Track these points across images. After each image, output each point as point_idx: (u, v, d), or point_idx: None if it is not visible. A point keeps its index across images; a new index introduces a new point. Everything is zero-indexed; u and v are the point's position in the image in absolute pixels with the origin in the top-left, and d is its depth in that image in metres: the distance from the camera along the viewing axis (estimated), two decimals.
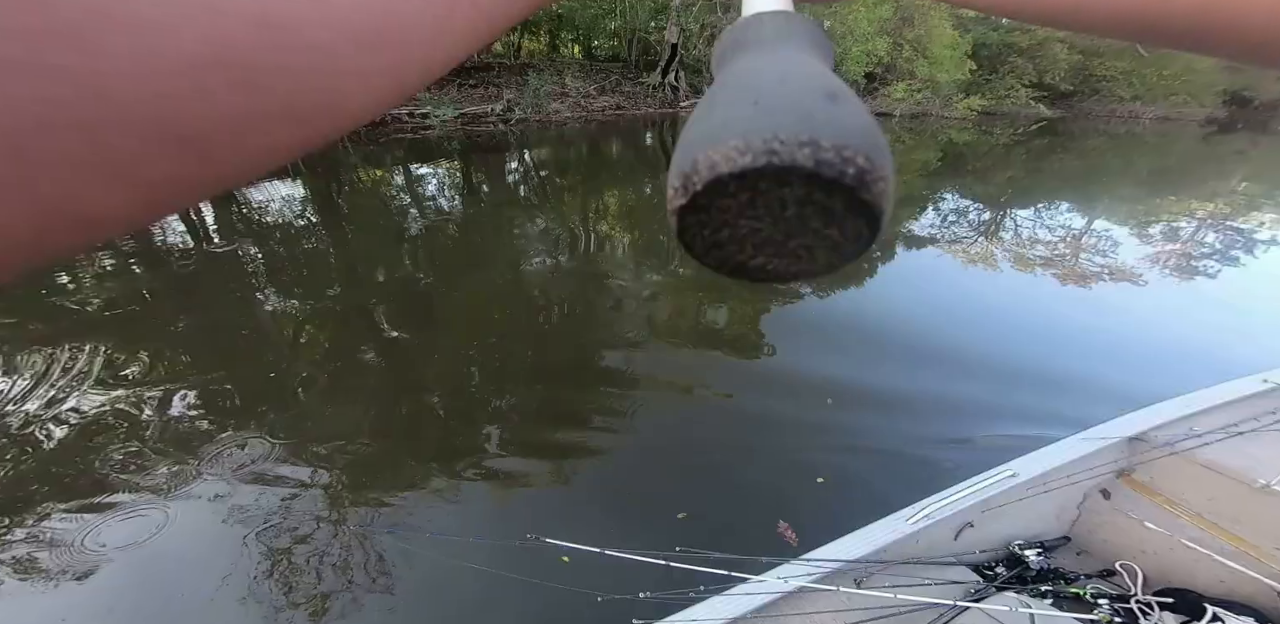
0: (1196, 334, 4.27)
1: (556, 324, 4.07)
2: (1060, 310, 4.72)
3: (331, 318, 3.95)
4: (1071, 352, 3.80)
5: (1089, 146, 16.76)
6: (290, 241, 5.41)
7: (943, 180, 10.29)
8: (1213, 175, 12.59)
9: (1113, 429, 1.91)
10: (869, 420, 2.94)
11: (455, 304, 4.29)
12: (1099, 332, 4.23)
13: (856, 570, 1.43)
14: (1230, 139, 20.20)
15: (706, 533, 2.15)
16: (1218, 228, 7.80)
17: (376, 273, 4.87)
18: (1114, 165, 13.47)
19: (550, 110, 13.78)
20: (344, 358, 3.44)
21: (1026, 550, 1.72)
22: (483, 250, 5.54)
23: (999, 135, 16.92)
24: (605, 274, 4.97)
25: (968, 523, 1.67)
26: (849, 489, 2.47)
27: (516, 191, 8.08)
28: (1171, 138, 19.97)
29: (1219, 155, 16.37)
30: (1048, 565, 1.70)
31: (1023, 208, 8.55)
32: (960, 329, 4.12)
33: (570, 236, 5.93)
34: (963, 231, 6.97)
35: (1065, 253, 6.24)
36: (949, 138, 15.93)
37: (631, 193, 8.29)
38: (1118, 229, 7.39)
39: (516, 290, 4.59)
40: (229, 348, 3.48)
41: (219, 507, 2.27)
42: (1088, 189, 10.33)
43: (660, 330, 3.95)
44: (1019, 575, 1.66)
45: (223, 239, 5.41)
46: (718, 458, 2.65)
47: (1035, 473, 1.70)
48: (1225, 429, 1.78)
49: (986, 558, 1.72)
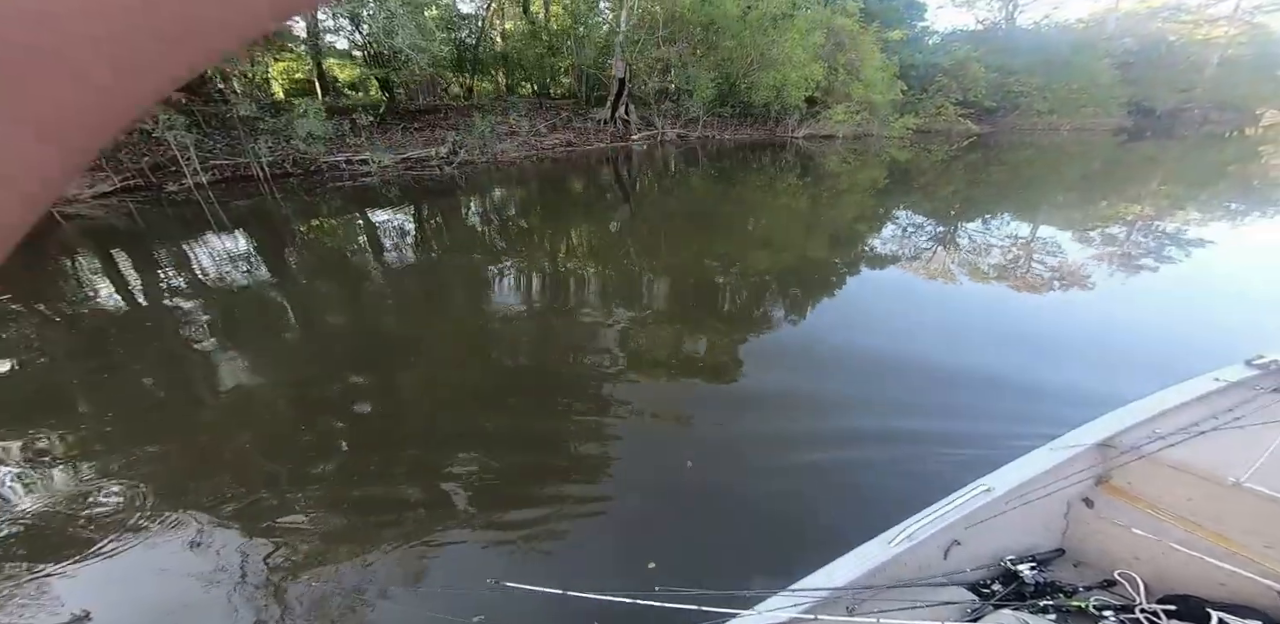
0: (1150, 331, 4.56)
1: (516, 372, 3.98)
2: (1016, 315, 4.98)
3: (276, 383, 3.73)
4: (1023, 354, 3.99)
5: (1020, 158, 18.26)
6: (217, 305, 5.17)
7: (892, 198, 10.93)
8: (1135, 179, 13.89)
9: (1080, 436, 1.94)
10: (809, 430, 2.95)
11: (408, 356, 4.15)
12: (1055, 334, 4.47)
13: (846, 598, 1.41)
14: (1141, 146, 22.44)
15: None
16: (1150, 228, 8.51)
17: (316, 333, 4.68)
18: (1045, 174, 14.67)
19: (498, 150, 14.04)
20: (299, 422, 3.23)
21: (1020, 565, 1.70)
22: (426, 299, 5.44)
23: (936, 152, 18.26)
24: (555, 314, 4.94)
25: (954, 541, 1.66)
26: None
27: (460, 235, 8.05)
28: (1090, 146, 22.04)
29: (1134, 161, 18.11)
30: (1045, 579, 1.68)
31: (971, 220, 9.12)
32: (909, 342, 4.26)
33: (512, 278, 5.90)
34: (920, 245, 7.34)
35: (1018, 258, 6.65)
36: (891, 156, 17.07)
37: (577, 229, 8.40)
38: (1061, 234, 7.95)
39: (468, 339, 4.49)
40: (163, 418, 3.22)
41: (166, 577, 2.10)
42: (1027, 197, 11.18)
43: (630, 369, 3.92)
44: (1016, 591, 1.63)
45: (148, 301, 5.13)
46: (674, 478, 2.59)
47: (1011, 485, 1.71)
48: (1187, 429, 1.85)
49: (980, 576, 1.70)
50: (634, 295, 5.31)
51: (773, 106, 18.53)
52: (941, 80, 22.40)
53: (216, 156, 10.03)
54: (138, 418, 3.27)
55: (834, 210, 9.85)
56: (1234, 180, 13.68)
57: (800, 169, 14.39)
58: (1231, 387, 2.17)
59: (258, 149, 9.88)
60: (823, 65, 17.87)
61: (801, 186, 11.86)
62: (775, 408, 3.32)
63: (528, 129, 15.60)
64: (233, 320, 4.76)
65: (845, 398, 3.41)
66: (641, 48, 16.13)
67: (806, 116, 19.89)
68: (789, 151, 17.37)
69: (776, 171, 13.87)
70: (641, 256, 6.57)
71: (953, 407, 3.28)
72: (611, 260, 6.44)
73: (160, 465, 2.85)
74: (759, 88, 17.26)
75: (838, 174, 13.69)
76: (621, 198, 10.35)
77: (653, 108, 17.73)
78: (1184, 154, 19.76)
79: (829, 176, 13.38)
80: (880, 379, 3.65)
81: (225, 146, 10.20)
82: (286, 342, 4.39)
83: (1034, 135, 24.52)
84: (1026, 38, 28.69)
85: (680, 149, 16.72)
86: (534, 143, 15.23)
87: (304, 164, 10.96)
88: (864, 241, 7.57)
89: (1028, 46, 26.91)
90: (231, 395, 3.52)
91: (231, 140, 10.19)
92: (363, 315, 4.97)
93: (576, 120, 17.02)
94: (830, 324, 4.70)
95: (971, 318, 4.92)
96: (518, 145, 14.75)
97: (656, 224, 8.55)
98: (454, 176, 11.81)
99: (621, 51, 15.53)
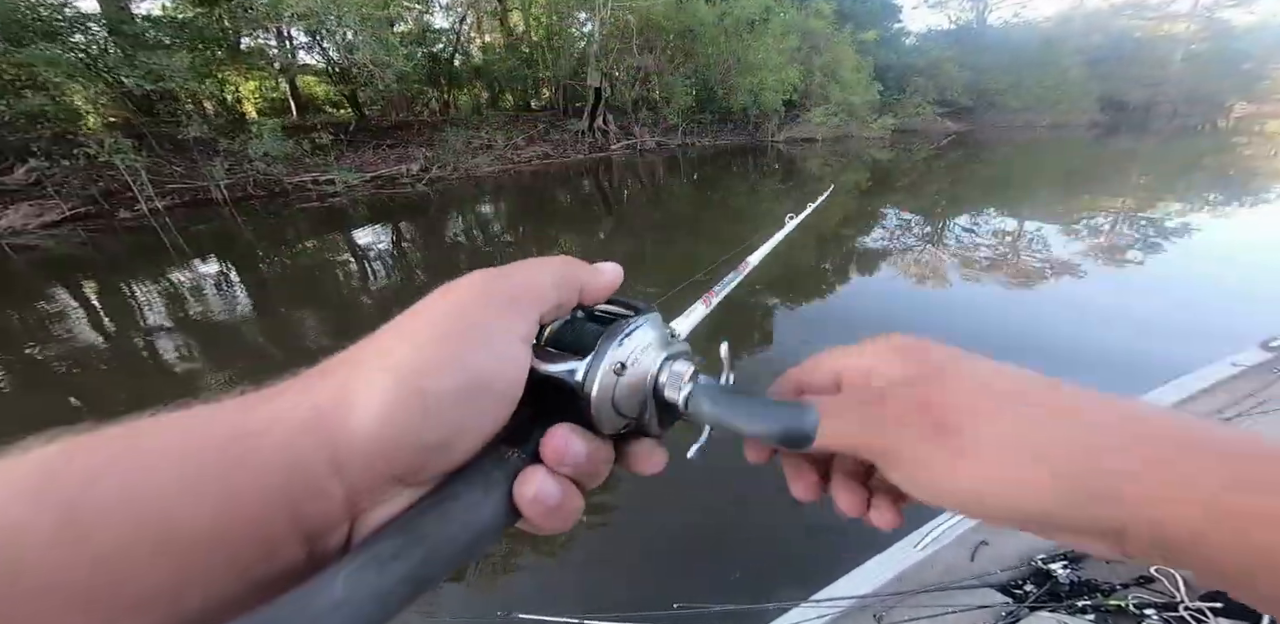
0: (1152, 318, 4.60)
1: None
2: (1015, 309, 4.99)
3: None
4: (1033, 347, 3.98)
5: (1000, 156, 18.80)
6: (161, 335, 4.99)
7: (875, 199, 11.10)
8: (1114, 173, 14.34)
9: None
10: None
11: None
12: (1057, 325, 4.47)
13: (873, 605, 1.37)
14: (1116, 140, 23.29)
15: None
16: (1135, 219, 8.73)
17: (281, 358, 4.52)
18: (1025, 171, 15.09)
19: (472, 165, 14.05)
20: None
21: (1052, 564, 1.63)
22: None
23: (917, 151, 18.73)
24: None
25: (981, 541, 1.60)
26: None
27: (429, 256, 7.97)
28: (1067, 142, 22.82)
29: (1112, 156, 18.74)
30: (1079, 578, 1.61)
31: (957, 217, 9.28)
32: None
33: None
34: (907, 244, 7.42)
35: (1006, 253, 6.73)
36: (872, 157, 17.46)
37: (542, 248, 8.36)
38: (1048, 227, 8.10)
39: None
40: None
41: None
42: (1009, 194, 11.43)
43: None
44: (1051, 592, 1.56)
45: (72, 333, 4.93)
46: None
47: None
48: (1211, 417, 1.82)
49: (1011, 576, 1.63)
50: None
51: (751, 111, 18.88)
52: (918, 80, 23.12)
53: (175, 180, 9.86)
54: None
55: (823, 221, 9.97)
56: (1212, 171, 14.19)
57: (783, 174, 14.61)
58: (1250, 371, 2.17)
59: (214, 171, 9.73)
60: (798, 69, 18.31)
61: (785, 191, 12.01)
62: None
63: (504, 142, 15.68)
64: (177, 351, 4.59)
65: None
66: (617, 57, 16.40)
67: (786, 120, 20.31)
68: (769, 156, 17.69)
69: (758, 177, 14.07)
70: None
71: None
72: None
73: None
74: (736, 92, 17.61)
75: (820, 178, 13.91)
76: (600, 211, 10.38)
77: (630, 116, 17.98)
78: (1163, 148, 20.52)
79: (811, 180, 13.59)
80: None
81: (184, 170, 10.05)
82: (238, 370, 4.22)
83: (1011, 133, 25.33)
84: (997, 36, 29.88)
85: (660, 157, 16.92)
86: (510, 156, 15.28)
87: (268, 185, 10.83)
88: (854, 244, 7.63)
89: (998, 45, 28.00)
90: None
91: (190, 163, 10.04)
92: (318, 341, 4.82)
93: (554, 132, 17.16)
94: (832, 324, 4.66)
95: (974, 314, 4.92)
96: (493, 159, 14.78)
97: (629, 239, 8.55)
98: (427, 194, 11.74)
99: (596, 61, 15.76)
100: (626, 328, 0.29)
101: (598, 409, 0.27)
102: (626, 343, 0.29)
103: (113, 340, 4.79)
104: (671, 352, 0.31)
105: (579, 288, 0.30)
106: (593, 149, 17.01)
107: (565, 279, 0.29)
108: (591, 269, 0.31)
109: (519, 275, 0.28)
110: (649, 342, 0.30)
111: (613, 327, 0.29)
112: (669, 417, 0.31)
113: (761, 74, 17.06)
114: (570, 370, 0.27)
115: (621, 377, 0.28)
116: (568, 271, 0.29)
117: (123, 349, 4.62)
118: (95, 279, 6.63)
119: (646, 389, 0.30)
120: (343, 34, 9.71)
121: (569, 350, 0.29)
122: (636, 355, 0.29)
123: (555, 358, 0.28)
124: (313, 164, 11.44)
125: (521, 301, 0.27)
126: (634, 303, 0.33)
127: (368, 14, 9.62)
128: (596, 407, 0.27)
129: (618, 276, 0.32)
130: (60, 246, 8.12)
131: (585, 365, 0.27)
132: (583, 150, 16.76)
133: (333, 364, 0.24)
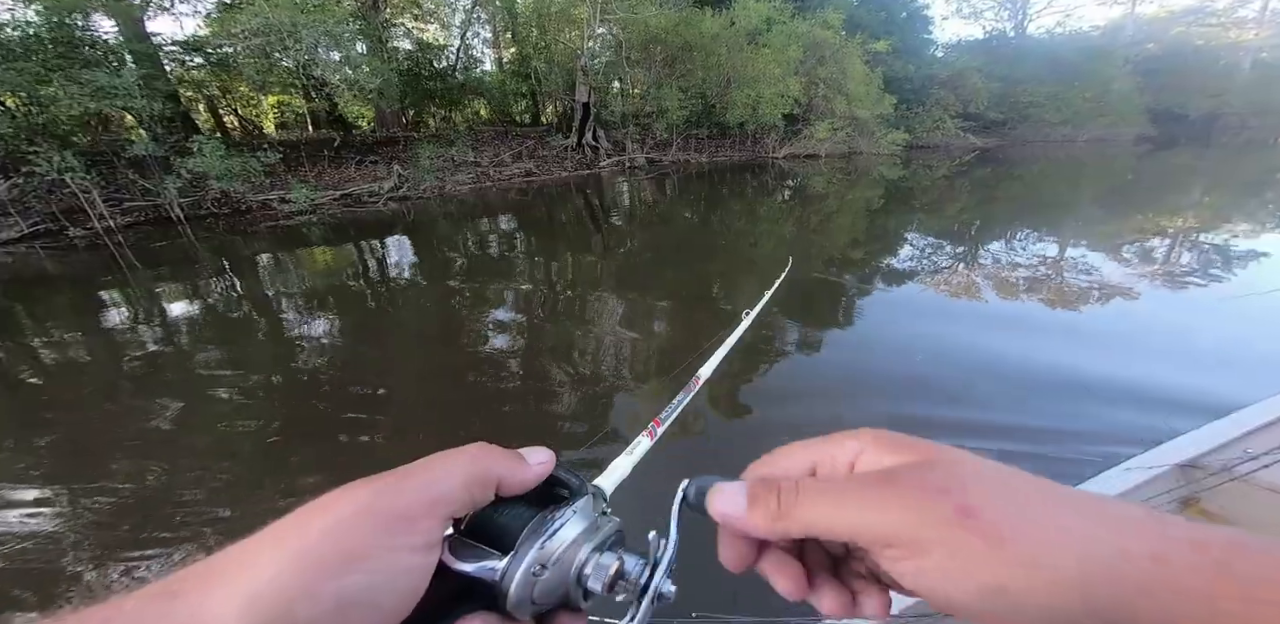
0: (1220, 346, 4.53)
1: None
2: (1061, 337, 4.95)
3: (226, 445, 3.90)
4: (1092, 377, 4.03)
5: (1035, 172, 18.73)
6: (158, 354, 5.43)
7: (888, 218, 11.25)
8: (1172, 190, 14.11)
9: (1159, 457, 1.94)
10: None
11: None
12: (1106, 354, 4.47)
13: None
14: (1171, 155, 23.01)
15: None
16: (1197, 242, 8.40)
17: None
18: (1064, 189, 14.95)
19: (452, 182, 14.74)
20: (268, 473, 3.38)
21: None
22: (360, 352, 5.68)
23: (938, 168, 18.83)
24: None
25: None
26: None
27: (403, 276, 8.42)
28: (1111, 158, 22.62)
29: (1169, 171, 18.50)
30: None
31: (988, 239, 9.26)
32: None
33: (422, 330, 6.15)
34: (929, 266, 7.43)
35: (1048, 275, 6.73)
36: (882, 174, 17.63)
37: (502, 283, 8.73)
38: (1092, 253, 7.77)
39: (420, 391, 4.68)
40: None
41: None
42: (1048, 214, 11.37)
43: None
44: None
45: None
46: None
47: None
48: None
49: None
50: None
51: (749, 126, 19.35)
52: (938, 92, 23.43)
53: (134, 198, 10.67)
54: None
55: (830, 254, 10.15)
56: None
57: (784, 195, 14.88)
58: None
59: (167, 190, 10.50)
60: (800, 80, 18.76)
61: (788, 217, 12.25)
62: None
63: (490, 159, 16.41)
64: (105, 376, 4.99)
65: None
66: (607, 71, 17.18)
67: (787, 135, 20.72)
68: (769, 173, 17.99)
69: (756, 196, 14.36)
70: (575, 321, 6.83)
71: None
72: (550, 319, 6.70)
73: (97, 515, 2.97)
74: (733, 106, 18.11)
75: (825, 195, 14.13)
76: (576, 242, 10.70)
77: (621, 131, 18.60)
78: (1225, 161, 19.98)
79: (816, 198, 13.82)
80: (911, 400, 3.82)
81: (153, 186, 10.87)
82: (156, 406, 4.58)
83: (1046, 148, 25.22)
84: (1036, 46, 30.22)
85: (650, 176, 17.32)
86: (491, 174, 15.97)
87: (230, 203, 11.60)
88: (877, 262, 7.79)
89: (1036, 55, 28.34)
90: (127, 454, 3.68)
91: (160, 181, 10.86)
92: (251, 367, 5.18)
93: (542, 148, 17.88)
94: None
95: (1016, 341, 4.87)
96: (473, 177, 15.47)
97: (596, 287, 8.88)
98: (400, 212, 12.31)
99: (585, 75, 16.50)
100: (553, 525, 0.29)
101: (515, 606, 0.28)
102: (549, 544, 0.29)
103: None
104: (599, 541, 0.31)
105: (495, 483, 0.30)
106: (579, 166, 17.61)
107: (477, 478, 0.29)
108: (512, 461, 0.31)
109: (417, 480, 0.27)
110: (575, 535, 0.30)
111: (536, 521, 0.29)
112: (593, 594, 0.31)
113: (759, 86, 17.59)
114: (489, 569, 0.28)
115: (542, 576, 0.28)
116: (480, 468, 0.29)
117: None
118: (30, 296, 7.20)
119: (570, 581, 0.30)
120: (299, 50, 10.49)
121: (489, 541, 0.29)
122: (559, 554, 0.29)
123: (471, 553, 0.28)
124: (272, 183, 12.22)
125: (416, 519, 0.26)
126: (568, 480, 0.33)
127: (330, 29, 10.43)
128: (514, 604, 0.28)
129: (546, 468, 0.32)
130: (16, 263, 8.87)
131: (504, 566, 0.28)
132: (569, 167, 17.37)
133: (186, 584, 0.23)
